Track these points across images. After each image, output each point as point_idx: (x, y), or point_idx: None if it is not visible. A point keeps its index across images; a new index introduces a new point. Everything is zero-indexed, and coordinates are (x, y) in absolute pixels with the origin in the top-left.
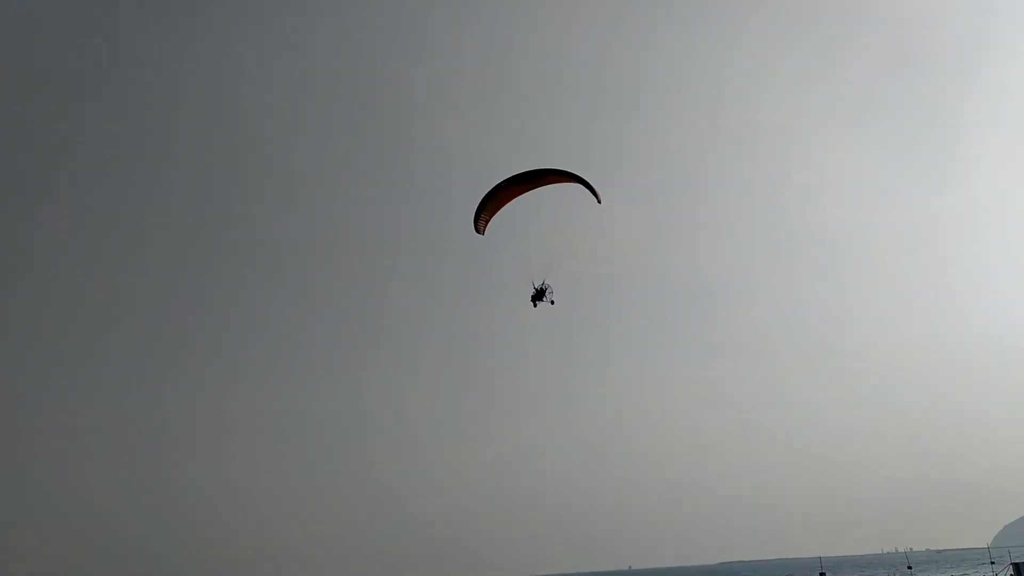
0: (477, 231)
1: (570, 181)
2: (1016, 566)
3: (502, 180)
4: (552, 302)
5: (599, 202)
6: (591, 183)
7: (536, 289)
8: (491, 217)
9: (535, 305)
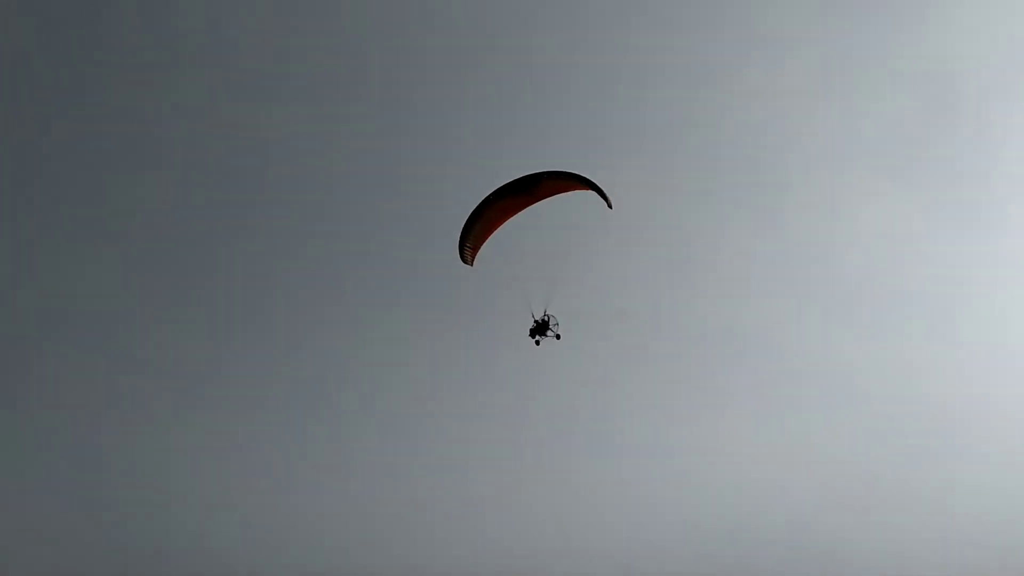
0: (465, 261)
1: (575, 187)
2: None
3: (490, 193)
4: (558, 336)
5: (610, 207)
6: (601, 187)
7: (537, 321)
8: (481, 243)
9: (537, 342)
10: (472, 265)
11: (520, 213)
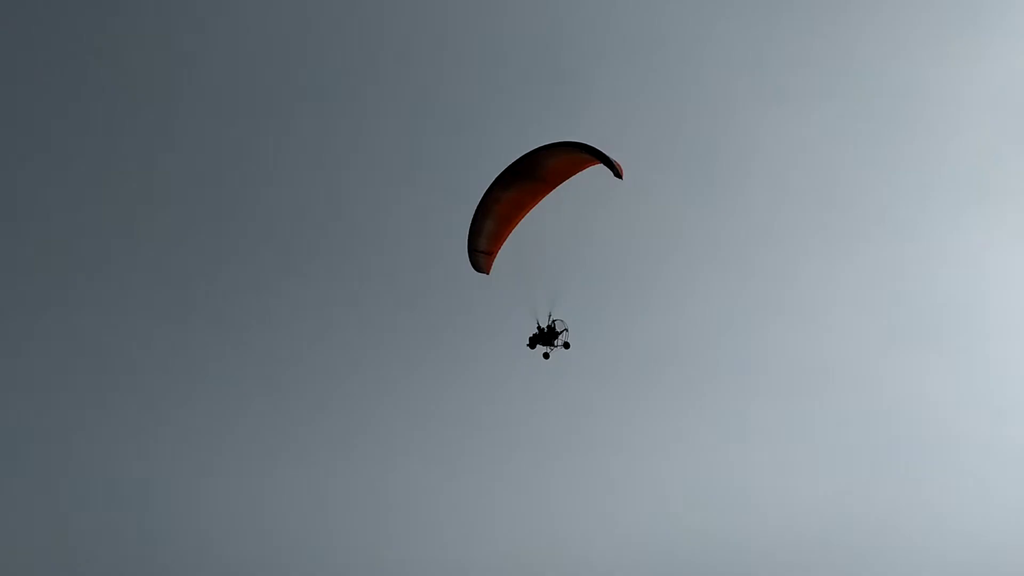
0: (479, 269)
1: (584, 163)
2: None
3: (491, 183)
4: (567, 345)
5: (620, 177)
6: (608, 155)
7: (540, 329)
8: (498, 247)
9: (546, 355)
10: (488, 273)
11: (534, 209)
